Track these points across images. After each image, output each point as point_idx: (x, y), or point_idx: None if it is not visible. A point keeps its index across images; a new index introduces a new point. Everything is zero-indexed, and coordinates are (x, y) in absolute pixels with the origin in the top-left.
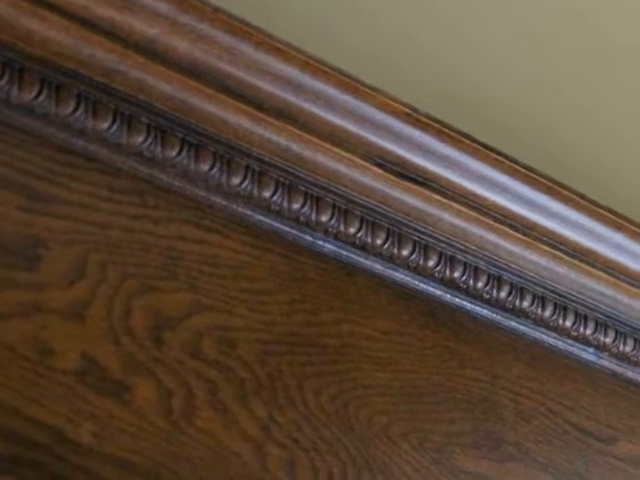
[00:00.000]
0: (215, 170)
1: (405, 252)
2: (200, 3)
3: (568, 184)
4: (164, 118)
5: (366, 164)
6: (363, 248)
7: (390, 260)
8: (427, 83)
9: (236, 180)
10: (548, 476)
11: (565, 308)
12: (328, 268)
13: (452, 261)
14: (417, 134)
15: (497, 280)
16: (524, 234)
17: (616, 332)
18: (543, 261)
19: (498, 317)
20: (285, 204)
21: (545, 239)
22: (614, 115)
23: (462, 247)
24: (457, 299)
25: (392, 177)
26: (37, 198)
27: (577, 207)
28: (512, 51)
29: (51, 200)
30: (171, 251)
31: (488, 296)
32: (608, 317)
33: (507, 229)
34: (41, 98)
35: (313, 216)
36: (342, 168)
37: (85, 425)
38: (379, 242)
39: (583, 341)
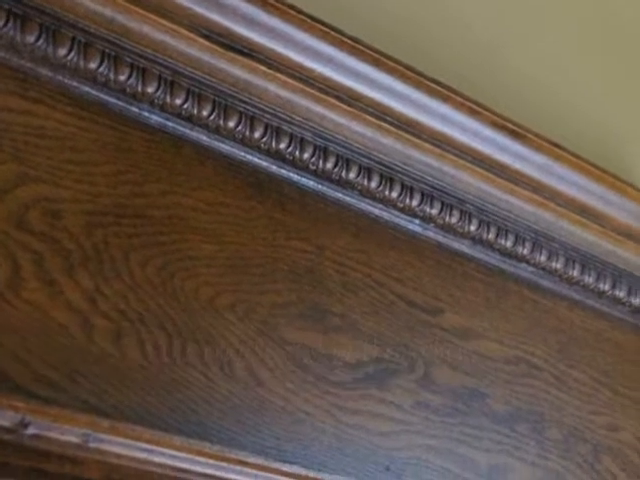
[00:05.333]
0: (41, 41)
1: (231, 123)
2: None
3: (394, 56)
4: None
5: (192, 35)
6: (189, 119)
7: (216, 131)
8: None
9: (62, 51)
10: (374, 347)
11: (391, 179)
12: (154, 139)
13: (278, 132)
14: (243, 5)
15: (323, 151)
16: (350, 105)
17: (442, 204)
18: (369, 132)
19: (324, 188)
20: (111, 76)
21: (371, 110)
22: None
23: (288, 118)
24: (283, 170)
25: (218, 48)
26: None
27: (403, 78)
28: None
29: None
30: None
31: (314, 167)
32: (434, 189)
33: (333, 100)
34: None
35: (139, 87)
36: (168, 39)
37: None
38: (205, 113)
39: (409, 212)
